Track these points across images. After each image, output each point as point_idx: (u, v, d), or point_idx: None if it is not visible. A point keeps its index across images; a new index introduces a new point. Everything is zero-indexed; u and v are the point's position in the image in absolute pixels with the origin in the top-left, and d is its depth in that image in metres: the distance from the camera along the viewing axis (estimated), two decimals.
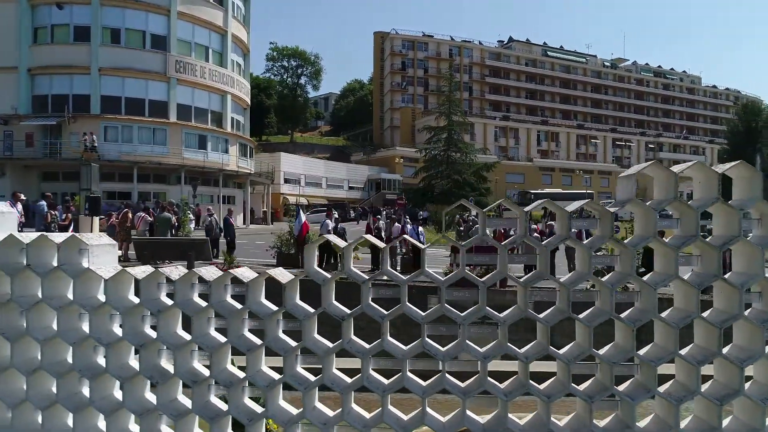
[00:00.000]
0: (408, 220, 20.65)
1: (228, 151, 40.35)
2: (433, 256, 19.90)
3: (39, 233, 5.00)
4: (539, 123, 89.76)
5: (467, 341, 4.20)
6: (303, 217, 17.35)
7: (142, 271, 4.62)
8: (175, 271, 4.59)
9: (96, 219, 15.07)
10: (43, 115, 34.58)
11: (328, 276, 4.67)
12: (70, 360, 4.61)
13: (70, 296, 4.62)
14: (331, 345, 4.33)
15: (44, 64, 34.93)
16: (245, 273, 4.68)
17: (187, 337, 4.55)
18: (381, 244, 4.48)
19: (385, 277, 4.68)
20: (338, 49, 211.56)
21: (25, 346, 4.64)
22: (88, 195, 13.89)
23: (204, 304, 4.55)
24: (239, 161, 41.65)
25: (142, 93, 36.24)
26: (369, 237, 4.64)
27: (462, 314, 4.17)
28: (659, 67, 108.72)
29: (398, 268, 17.88)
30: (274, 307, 4.58)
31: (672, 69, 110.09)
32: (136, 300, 4.61)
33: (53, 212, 13.09)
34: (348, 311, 4.44)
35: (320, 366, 4.32)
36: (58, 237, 4.71)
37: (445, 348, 4.18)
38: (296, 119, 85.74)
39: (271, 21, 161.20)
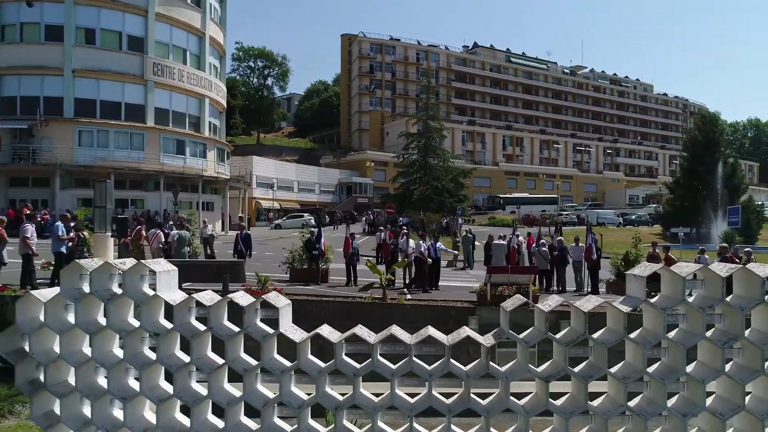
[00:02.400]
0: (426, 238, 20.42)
1: (206, 156, 39.42)
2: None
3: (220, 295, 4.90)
4: (504, 128, 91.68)
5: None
6: (323, 237, 17.11)
7: (337, 335, 4.62)
8: (398, 331, 4.61)
9: (111, 239, 14.52)
10: (11, 118, 32.85)
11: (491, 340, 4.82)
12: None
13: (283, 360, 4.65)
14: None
15: (12, 64, 33.16)
16: (433, 332, 4.76)
17: (374, 399, 4.62)
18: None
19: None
20: (301, 50, 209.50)
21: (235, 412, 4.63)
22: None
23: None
24: (217, 166, 40.78)
25: (118, 96, 34.91)
26: None
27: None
28: (614, 74, 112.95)
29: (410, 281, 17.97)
30: (464, 367, 4.70)
31: (626, 77, 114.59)
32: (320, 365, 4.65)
33: (83, 234, 12.41)
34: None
35: None
36: (277, 299, 4.63)
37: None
38: (263, 121, 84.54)
39: (233, 20, 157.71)
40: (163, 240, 16.13)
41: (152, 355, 4.66)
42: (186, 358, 4.58)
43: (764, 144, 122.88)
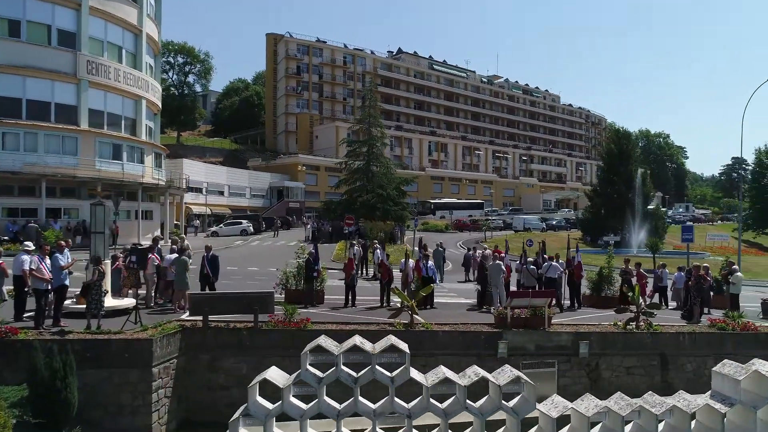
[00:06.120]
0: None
1: (144, 162, 36.99)
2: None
3: None
4: (428, 134, 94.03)
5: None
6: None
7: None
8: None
9: (108, 263, 13.39)
10: None
11: None
12: None
13: None
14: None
15: None
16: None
17: None
18: None
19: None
20: (219, 46, 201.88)
21: None
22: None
23: None
24: (154, 172, 38.39)
25: (48, 96, 31.83)
26: None
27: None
28: (526, 85, 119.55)
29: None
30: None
31: (537, 87, 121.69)
32: None
33: (101, 267, 11.19)
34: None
35: None
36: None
37: None
38: (184, 120, 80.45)
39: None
40: (157, 264, 15.09)
41: None
42: None
43: (653, 153, 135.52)
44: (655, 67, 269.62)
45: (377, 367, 4.21)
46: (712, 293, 20.07)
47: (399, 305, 17.78)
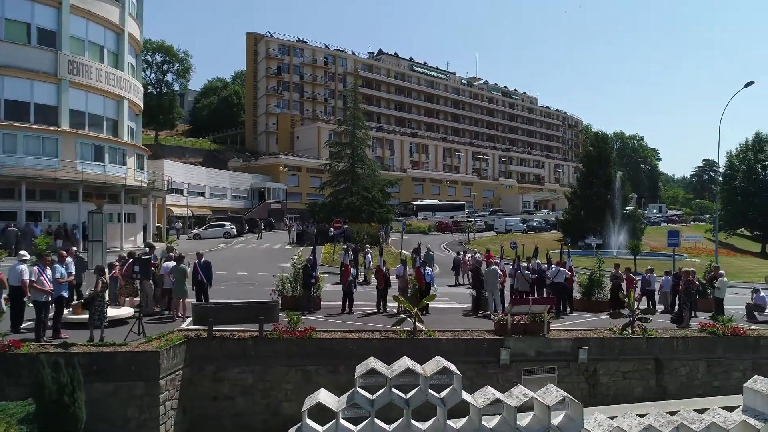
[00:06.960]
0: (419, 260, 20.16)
1: (126, 163, 36.31)
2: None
3: None
4: (409, 135, 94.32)
5: None
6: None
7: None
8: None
9: (106, 271, 13.13)
10: None
11: None
12: None
13: None
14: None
15: None
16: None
17: None
18: None
19: None
20: (197, 44, 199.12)
21: None
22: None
23: None
24: (136, 174, 37.72)
25: (27, 95, 30.99)
26: None
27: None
28: (505, 87, 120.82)
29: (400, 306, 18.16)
30: None
31: (515, 90, 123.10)
32: None
33: (104, 279, 10.93)
34: None
35: None
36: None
37: None
38: (162, 119, 79.13)
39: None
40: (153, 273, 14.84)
41: None
42: None
43: (627, 155, 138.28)
44: (631, 69, 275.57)
45: (430, 391, 4.27)
46: (697, 296, 20.70)
47: (396, 311, 17.93)
